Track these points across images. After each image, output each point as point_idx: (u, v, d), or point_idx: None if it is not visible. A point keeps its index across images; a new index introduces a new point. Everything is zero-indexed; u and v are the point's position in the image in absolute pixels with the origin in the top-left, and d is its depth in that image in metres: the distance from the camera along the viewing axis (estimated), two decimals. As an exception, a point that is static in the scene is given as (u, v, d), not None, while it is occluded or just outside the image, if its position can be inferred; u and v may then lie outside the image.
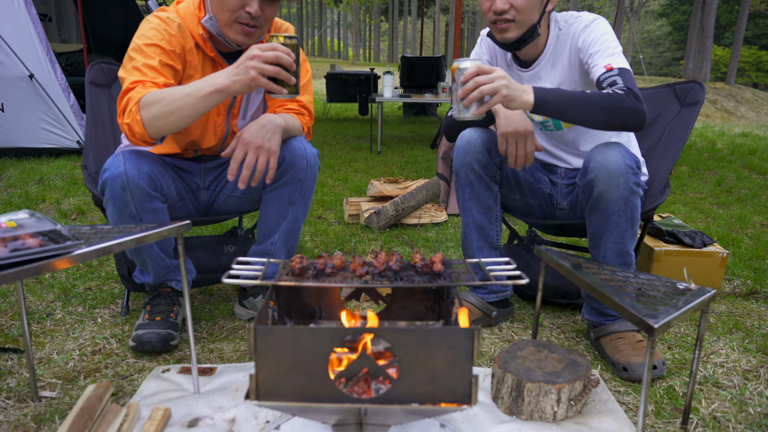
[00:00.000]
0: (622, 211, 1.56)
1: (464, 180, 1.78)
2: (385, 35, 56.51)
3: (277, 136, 1.54)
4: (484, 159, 1.73)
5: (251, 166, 1.48)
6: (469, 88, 1.39)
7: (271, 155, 1.50)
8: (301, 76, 1.77)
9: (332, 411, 1.02)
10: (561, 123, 1.82)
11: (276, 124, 1.55)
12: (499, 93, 1.40)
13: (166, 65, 1.53)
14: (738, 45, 23.36)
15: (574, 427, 1.31)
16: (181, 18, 1.61)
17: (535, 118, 1.84)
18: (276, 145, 1.51)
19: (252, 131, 1.49)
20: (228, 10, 1.52)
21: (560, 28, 1.73)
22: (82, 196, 3.47)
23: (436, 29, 36.42)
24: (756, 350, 1.73)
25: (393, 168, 4.70)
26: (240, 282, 1.16)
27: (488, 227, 1.81)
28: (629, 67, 1.60)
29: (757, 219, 3.35)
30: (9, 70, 4.26)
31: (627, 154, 1.54)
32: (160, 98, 1.42)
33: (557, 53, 1.74)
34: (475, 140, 1.72)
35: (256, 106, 1.79)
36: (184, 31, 1.60)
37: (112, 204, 1.53)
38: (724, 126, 8.27)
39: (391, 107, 10.30)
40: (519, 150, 1.63)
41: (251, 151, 1.47)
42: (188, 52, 1.61)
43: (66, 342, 1.71)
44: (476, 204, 1.79)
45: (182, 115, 1.42)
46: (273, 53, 1.34)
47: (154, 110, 1.42)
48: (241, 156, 1.47)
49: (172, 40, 1.57)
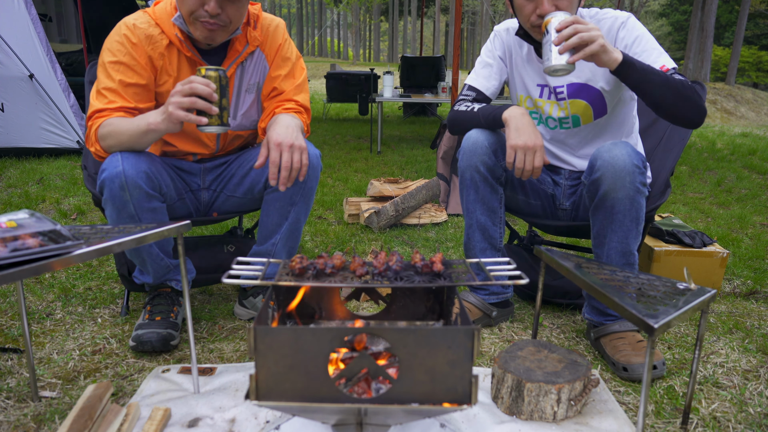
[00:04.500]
0: (627, 211, 1.56)
1: (469, 182, 1.76)
2: (385, 35, 56.49)
3: (300, 133, 1.56)
4: (491, 161, 1.71)
5: (289, 166, 1.48)
6: (566, 33, 1.40)
7: (303, 151, 1.51)
8: (297, 75, 1.78)
9: (332, 411, 1.02)
10: (580, 120, 1.79)
11: (296, 123, 1.57)
12: (596, 41, 1.40)
13: (127, 85, 1.58)
14: (738, 45, 23.36)
15: (574, 427, 1.31)
16: (156, 19, 1.61)
17: (554, 114, 1.81)
18: (303, 141, 1.53)
19: (280, 133, 1.50)
20: (187, 7, 1.54)
21: None
22: (82, 196, 3.47)
23: (436, 29, 36.42)
24: (756, 350, 1.73)
25: (393, 168, 4.70)
26: (240, 282, 1.16)
27: (492, 229, 1.80)
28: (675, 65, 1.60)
29: (757, 219, 3.35)
30: (9, 70, 4.26)
31: (634, 153, 1.53)
32: (110, 132, 1.53)
33: None
34: (482, 142, 1.71)
35: (247, 106, 1.77)
36: (152, 38, 1.60)
37: (111, 204, 1.53)
38: (724, 126, 8.26)
39: (391, 107, 10.30)
40: (527, 164, 1.59)
41: (285, 150, 1.48)
42: (158, 57, 1.61)
43: (66, 342, 1.71)
44: (481, 206, 1.78)
45: (134, 145, 1.52)
46: (188, 86, 1.37)
47: (109, 142, 1.54)
48: (278, 159, 1.48)
49: (135, 51, 1.58)
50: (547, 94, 1.81)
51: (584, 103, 1.75)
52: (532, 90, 1.83)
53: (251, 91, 1.76)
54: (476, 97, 1.85)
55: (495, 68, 1.85)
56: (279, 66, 1.76)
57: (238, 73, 1.72)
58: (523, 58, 1.83)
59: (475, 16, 43.24)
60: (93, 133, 1.55)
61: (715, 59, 32.31)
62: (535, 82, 1.82)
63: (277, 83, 1.75)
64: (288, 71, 1.76)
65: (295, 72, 1.78)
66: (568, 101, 1.77)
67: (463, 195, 1.81)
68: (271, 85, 1.75)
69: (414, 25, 41.80)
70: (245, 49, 1.70)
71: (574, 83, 1.75)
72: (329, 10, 43.46)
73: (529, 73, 1.82)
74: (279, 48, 1.76)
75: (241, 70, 1.72)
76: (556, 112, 1.81)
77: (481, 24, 36.59)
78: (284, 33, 1.78)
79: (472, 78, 1.88)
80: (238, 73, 1.72)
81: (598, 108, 1.76)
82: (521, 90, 1.87)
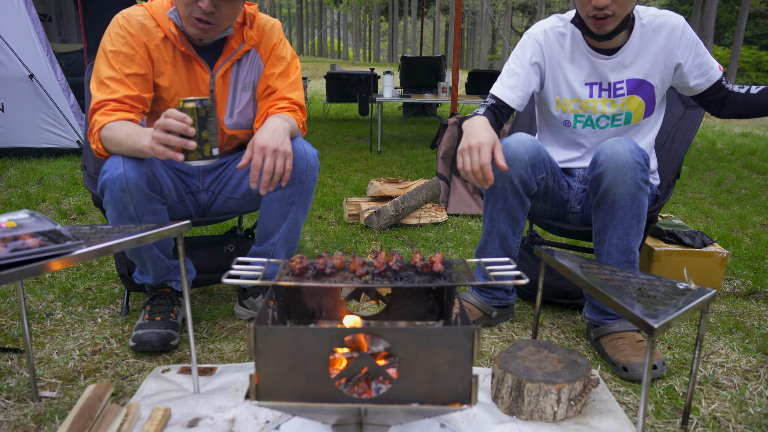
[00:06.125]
0: (628, 207, 1.56)
1: (499, 191, 1.70)
2: (385, 35, 56.49)
3: (288, 137, 1.54)
4: (527, 175, 1.66)
5: (271, 170, 1.47)
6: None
7: (287, 157, 1.50)
8: (291, 73, 1.78)
9: (332, 411, 1.02)
10: (632, 117, 1.77)
11: (284, 126, 1.55)
12: None
13: (129, 75, 1.59)
14: (738, 45, 23.35)
15: (574, 427, 1.31)
16: (153, 13, 1.63)
17: (608, 111, 1.77)
18: (289, 146, 1.51)
19: (265, 136, 1.48)
20: (183, 3, 1.55)
21: (642, 21, 1.70)
22: (82, 196, 3.47)
23: (436, 29, 36.42)
24: (756, 350, 1.73)
25: (393, 168, 4.70)
26: (240, 282, 1.16)
27: (511, 239, 1.78)
28: None
29: (757, 219, 3.35)
30: (9, 70, 4.26)
31: (637, 149, 1.53)
32: (111, 139, 1.52)
33: (643, 44, 1.70)
34: (522, 155, 1.64)
35: (244, 104, 1.78)
36: (147, 29, 1.62)
37: (112, 206, 1.53)
38: (724, 126, 8.27)
39: (391, 107, 10.30)
40: (473, 164, 1.50)
41: (269, 155, 1.46)
42: (154, 49, 1.62)
43: (66, 342, 1.71)
44: (505, 215, 1.74)
45: (130, 153, 1.51)
46: (162, 120, 1.34)
47: (109, 145, 1.54)
48: (260, 162, 1.46)
49: (133, 41, 1.60)
50: (598, 91, 1.77)
51: (639, 99, 1.75)
52: (579, 90, 1.78)
53: (247, 89, 1.76)
54: (494, 105, 1.76)
55: (522, 77, 1.77)
56: (273, 65, 1.76)
57: (233, 71, 1.73)
58: (567, 57, 1.77)
59: (475, 16, 43.24)
60: (96, 132, 1.55)
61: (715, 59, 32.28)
62: (583, 81, 1.77)
63: (270, 81, 1.75)
64: (282, 70, 1.76)
65: (289, 71, 1.78)
66: (626, 97, 1.75)
67: (489, 201, 1.75)
68: (265, 83, 1.76)
69: (414, 25, 41.81)
70: (240, 48, 1.70)
71: (633, 79, 1.73)
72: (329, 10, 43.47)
73: (575, 72, 1.77)
74: (274, 47, 1.76)
75: (237, 68, 1.73)
76: (610, 109, 1.77)
77: (481, 24, 36.58)
78: (280, 33, 1.79)
79: (497, 87, 1.79)
80: (234, 70, 1.73)
81: (649, 106, 1.76)
82: (566, 93, 1.80)
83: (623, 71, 1.73)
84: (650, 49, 1.71)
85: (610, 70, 1.74)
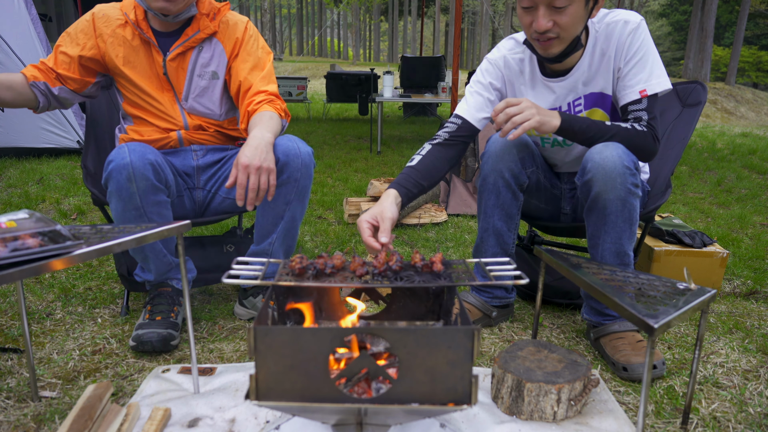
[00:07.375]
0: (619, 212, 1.56)
1: (492, 187, 1.72)
2: (385, 35, 56.49)
3: (271, 152, 1.57)
4: (516, 168, 1.68)
5: (256, 188, 1.51)
6: (500, 120, 1.47)
7: (270, 173, 1.54)
8: (263, 67, 1.84)
9: (332, 411, 1.02)
10: None
11: (267, 141, 1.57)
12: (531, 120, 1.47)
13: (60, 52, 1.75)
14: (738, 45, 23.35)
15: (574, 427, 1.31)
16: (122, 6, 1.76)
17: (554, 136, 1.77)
18: (272, 162, 1.55)
19: (248, 155, 1.51)
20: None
21: (597, 30, 1.63)
22: (82, 196, 3.47)
23: (436, 29, 36.42)
24: (756, 350, 1.73)
25: (393, 168, 4.70)
26: (240, 282, 1.16)
27: (506, 235, 1.79)
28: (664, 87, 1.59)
29: (757, 219, 3.35)
30: (9, 70, 4.25)
31: (625, 154, 1.52)
32: None
33: (595, 58, 1.65)
34: (511, 148, 1.67)
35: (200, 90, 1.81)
36: (108, 18, 1.75)
37: (117, 196, 1.54)
38: (724, 126, 8.27)
39: (391, 107, 10.30)
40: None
41: (252, 173, 1.50)
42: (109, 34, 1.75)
43: (66, 342, 1.71)
44: (499, 211, 1.75)
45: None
46: None
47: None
48: (245, 181, 1.50)
49: (86, 26, 1.75)
50: None
51: (601, 111, 1.72)
52: None
53: (205, 77, 1.81)
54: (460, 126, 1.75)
55: (484, 99, 1.76)
56: (244, 59, 1.82)
57: (193, 57, 1.80)
58: (527, 84, 1.76)
59: (475, 16, 43.24)
60: None
61: (715, 59, 32.31)
62: (545, 106, 1.74)
63: (242, 76, 1.79)
64: (254, 64, 1.82)
65: (261, 64, 1.83)
66: (585, 112, 1.72)
67: (482, 198, 1.77)
68: (237, 78, 1.80)
69: (414, 25, 41.80)
70: (195, 35, 1.77)
71: (590, 93, 1.70)
72: (329, 10, 43.47)
73: (537, 98, 1.75)
74: (240, 42, 1.82)
75: (197, 54, 1.80)
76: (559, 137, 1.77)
77: (481, 24, 36.58)
78: (248, 30, 1.85)
79: (462, 107, 1.78)
80: (193, 57, 1.80)
81: (613, 115, 1.72)
82: None
83: (580, 89, 1.70)
84: (604, 61, 1.64)
85: (568, 92, 1.71)
